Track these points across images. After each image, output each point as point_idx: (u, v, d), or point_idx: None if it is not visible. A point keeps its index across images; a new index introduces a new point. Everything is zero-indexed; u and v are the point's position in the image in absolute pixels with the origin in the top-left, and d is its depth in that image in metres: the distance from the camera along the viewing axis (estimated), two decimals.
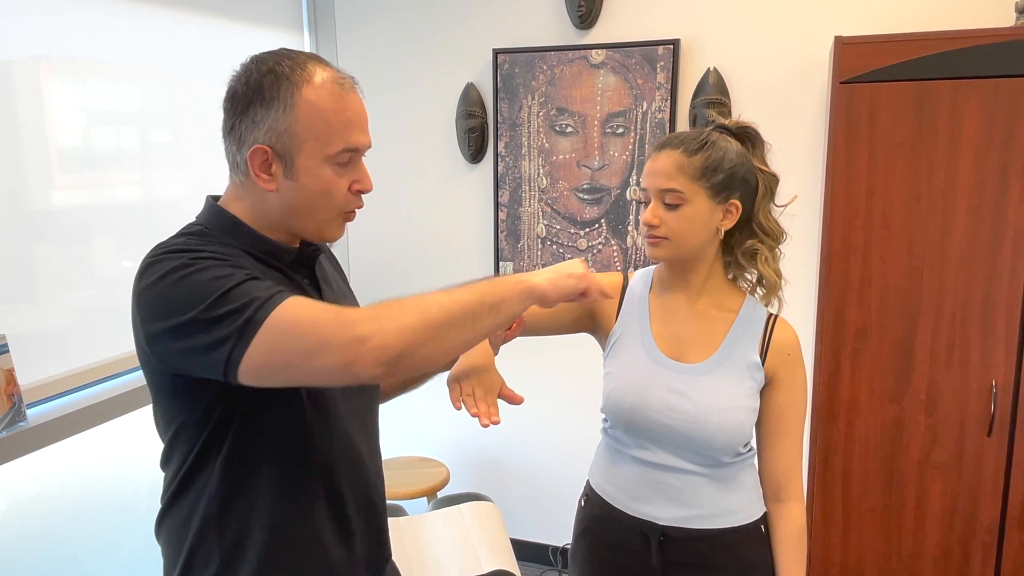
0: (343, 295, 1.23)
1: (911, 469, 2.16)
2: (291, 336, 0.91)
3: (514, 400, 1.16)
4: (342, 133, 1.05)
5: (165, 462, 1.11)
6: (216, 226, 1.07)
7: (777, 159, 1.48)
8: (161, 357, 0.98)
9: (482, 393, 1.13)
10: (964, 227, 2.03)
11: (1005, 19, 2.19)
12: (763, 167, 1.36)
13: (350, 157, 1.07)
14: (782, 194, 1.40)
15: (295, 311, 0.92)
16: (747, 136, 1.36)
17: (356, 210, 1.11)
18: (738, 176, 1.31)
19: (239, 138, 1.04)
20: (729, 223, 1.34)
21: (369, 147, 1.09)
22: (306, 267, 1.15)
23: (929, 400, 2.12)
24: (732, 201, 1.32)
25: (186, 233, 1.08)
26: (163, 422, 1.08)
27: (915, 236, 2.07)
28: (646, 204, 1.35)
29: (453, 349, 0.98)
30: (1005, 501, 2.09)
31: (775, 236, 1.37)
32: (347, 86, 1.06)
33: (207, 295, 0.93)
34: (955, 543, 2.15)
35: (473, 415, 1.08)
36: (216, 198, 1.13)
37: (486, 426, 1.06)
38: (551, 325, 1.47)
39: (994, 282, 2.02)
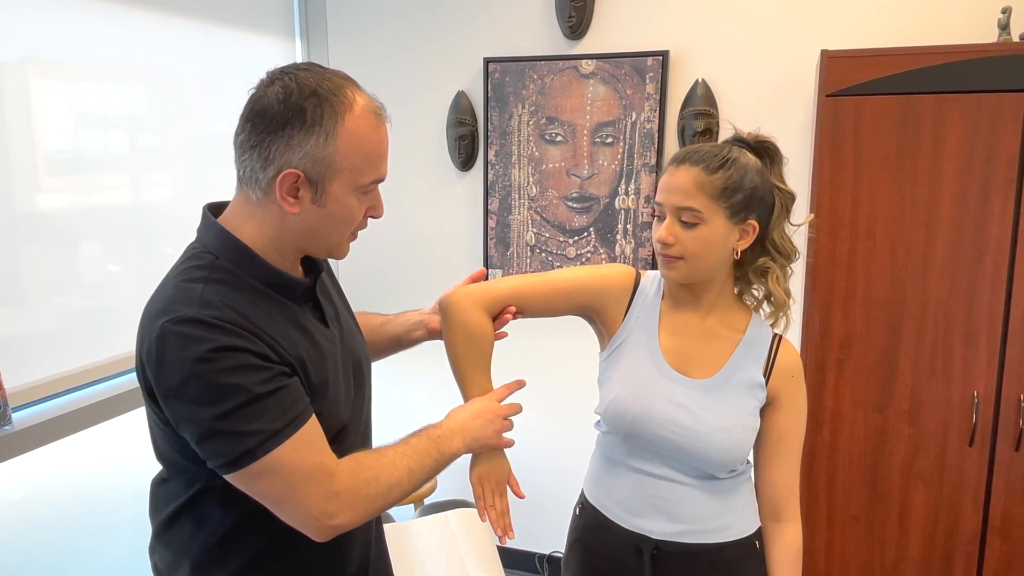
0: (340, 311, 1.23)
1: (894, 478, 2.18)
2: (277, 479, 0.96)
3: (518, 495, 1.29)
4: (375, 165, 1.04)
5: (161, 481, 1.10)
6: (228, 256, 1.03)
7: None
8: (169, 414, 0.98)
9: (501, 501, 1.29)
10: (947, 238, 2.06)
11: (988, 35, 2.22)
12: (781, 185, 1.32)
13: (374, 187, 1.07)
14: (795, 212, 1.36)
15: (293, 458, 0.96)
16: (766, 151, 1.33)
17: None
18: (757, 196, 1.27)
19: (267, 157, 0.99)
20: (746, 244, 1.30)
21: None
22: (311, 294, 1.14)
23: (912, 410, 2.14)
24: (750, 221, 1.28)
25: (197, 270, 1.01)
26: (164, 447, 1.06)
27: (899, 247, 2.10)
28: (660, 219, 1.30)
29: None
30: (987, 510, 2.11)
31: (788, 255, 1.33)
32: (381, 116, 1.05)
33: (218, 401, 0.93)
34: (937, 552, 2.17)
35: (499, 535, 1.25)
36: (215, 210, 1.08)
37: (504, 543, 1.23)
38: (548, 312, 1.42)
39: (976, 293, 2.05)
